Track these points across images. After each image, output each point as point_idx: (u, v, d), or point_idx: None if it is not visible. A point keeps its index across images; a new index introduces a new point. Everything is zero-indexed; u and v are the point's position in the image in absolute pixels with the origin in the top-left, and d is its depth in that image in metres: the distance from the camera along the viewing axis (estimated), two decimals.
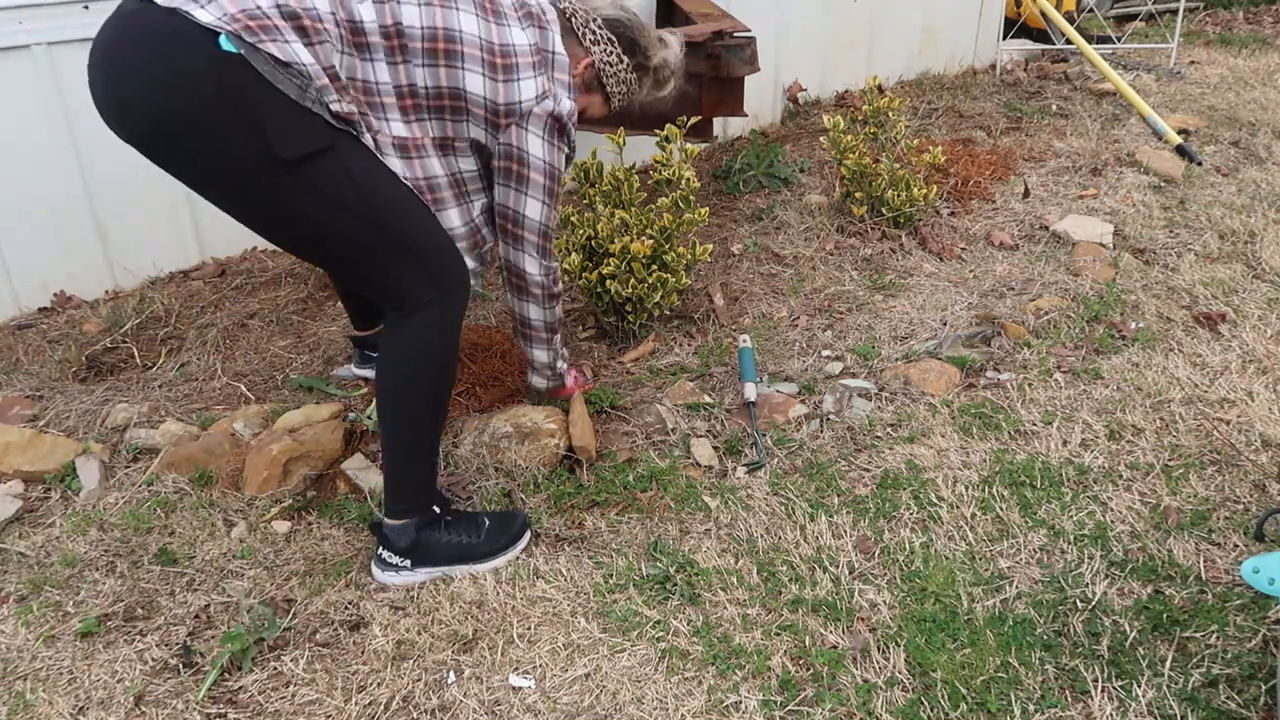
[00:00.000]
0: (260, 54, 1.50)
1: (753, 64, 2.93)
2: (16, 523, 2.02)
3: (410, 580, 1.84)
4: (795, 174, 3.70)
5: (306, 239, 1.72)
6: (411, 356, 1.74)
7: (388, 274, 1.70)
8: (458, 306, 1.77)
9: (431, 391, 1.77)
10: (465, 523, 1.88)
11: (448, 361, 1.78)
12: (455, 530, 1.86)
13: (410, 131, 1.73)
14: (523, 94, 1.76)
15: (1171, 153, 3.85)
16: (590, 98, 1.99)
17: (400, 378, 1.75)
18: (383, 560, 1.84)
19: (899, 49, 4.89)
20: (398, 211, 1.68)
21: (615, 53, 1.95)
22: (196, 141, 1.53)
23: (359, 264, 1.71)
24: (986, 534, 1.94)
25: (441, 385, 1.78)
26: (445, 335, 1.75)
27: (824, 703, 1.58)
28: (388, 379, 1.76)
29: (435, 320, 1.72)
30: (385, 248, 1.67)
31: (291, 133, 1.53)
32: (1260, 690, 1.56)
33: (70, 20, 2.68)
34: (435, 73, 1.70)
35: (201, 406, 2.40)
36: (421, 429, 1.79)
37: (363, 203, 1.62)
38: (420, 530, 1.82)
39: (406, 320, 1.72)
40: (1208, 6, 6.93)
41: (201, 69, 1.48)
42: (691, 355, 2.58)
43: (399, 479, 1.82)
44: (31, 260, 2.81)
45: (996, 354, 2.54)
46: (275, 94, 1.51)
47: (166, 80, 1.50)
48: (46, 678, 1.66)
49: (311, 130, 1.56)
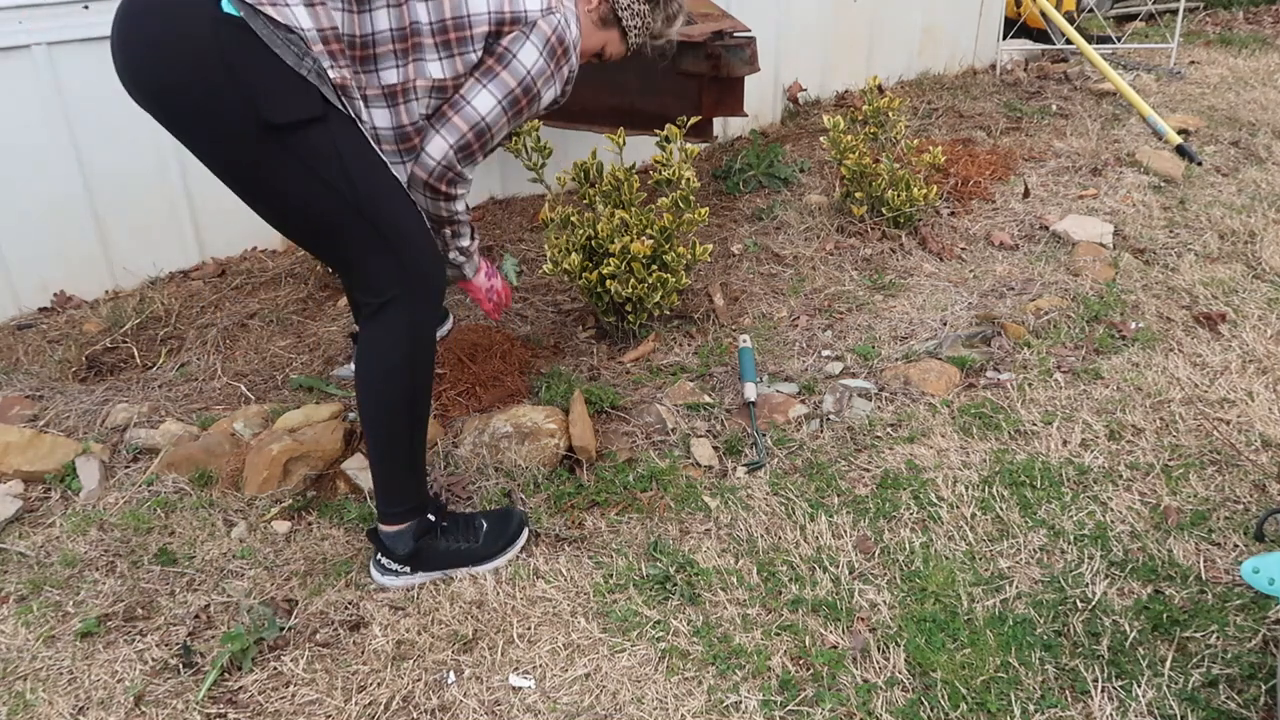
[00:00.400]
0: (260, 16, 1.50)
1: (753, 64, 2.92)
2: (16, 523, 2.02)
3: (410, 582, 1.85)
4: (795, 174, 3.70)
5: (285, 211, 1.69)
6: (382, 351, 1.71)
7: (358, 258, 1.68)
8: (426, 304, 1.73)
9: (406, 387, 1.73)
10: (462, 527, 1.87)
11: (419, 358, 1.74)
12: (453, 536, 1.85)
13: (400, 76, 1.69)
14: (528, 4, 1.74)
15: (1171, 153, 3.85)
16: (608, 33, 1.97)
17: (373, 374, 1.72)
18: (381, 565, 1.84)
19: (899, 49, 4.90)
20: (378, 196, 1.65)
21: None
22: (195, 102, 1.53)
23: (331, 243, 1.70)
24: (986, 534, 1.94)
25: (416, 382, 1.75)
26: (414, 330, 1.72)
27: (824, 703, 1.58)
28: (362, 376, 1.74)
29: (404, 316, 1.69)
30: (359, 231, 1.64)
31: (283, 98, 1.52)
32: (1260, 690, 1.56)
33: (70, 20, 2.68)
34: (439, 6, 1.68)
35: (201, 406, 2.40)
36: (400, 427, 1.76)
37: (345, 180, 1.60)
38: (418, 539, 1.81)
39: (376, 316, 1.70)
40: (1208, 6, 6.93)
41: (202, 31, 1.49)
42: (691, 355, 2.58)
43: (384, 480, 1.80)
44: (31, 260, 2.82)
45: (996, 354, 2.54)
46: (271, 58, 1.51)
47: (171, 42, 1.51)
48: (46, 678, 1.66)
49: (304, 98, 1.55)
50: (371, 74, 1.67)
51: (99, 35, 2.72)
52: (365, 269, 1.69)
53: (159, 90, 1.56)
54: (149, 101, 1.59)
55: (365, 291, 1.71)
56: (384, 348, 1.71)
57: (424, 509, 1.83)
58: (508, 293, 2.29)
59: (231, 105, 1.51)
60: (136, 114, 2.81)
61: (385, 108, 1.71)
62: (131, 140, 2.86)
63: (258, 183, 1.62)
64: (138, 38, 1.55)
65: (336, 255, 1.74)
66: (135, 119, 2.84)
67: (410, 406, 1.76)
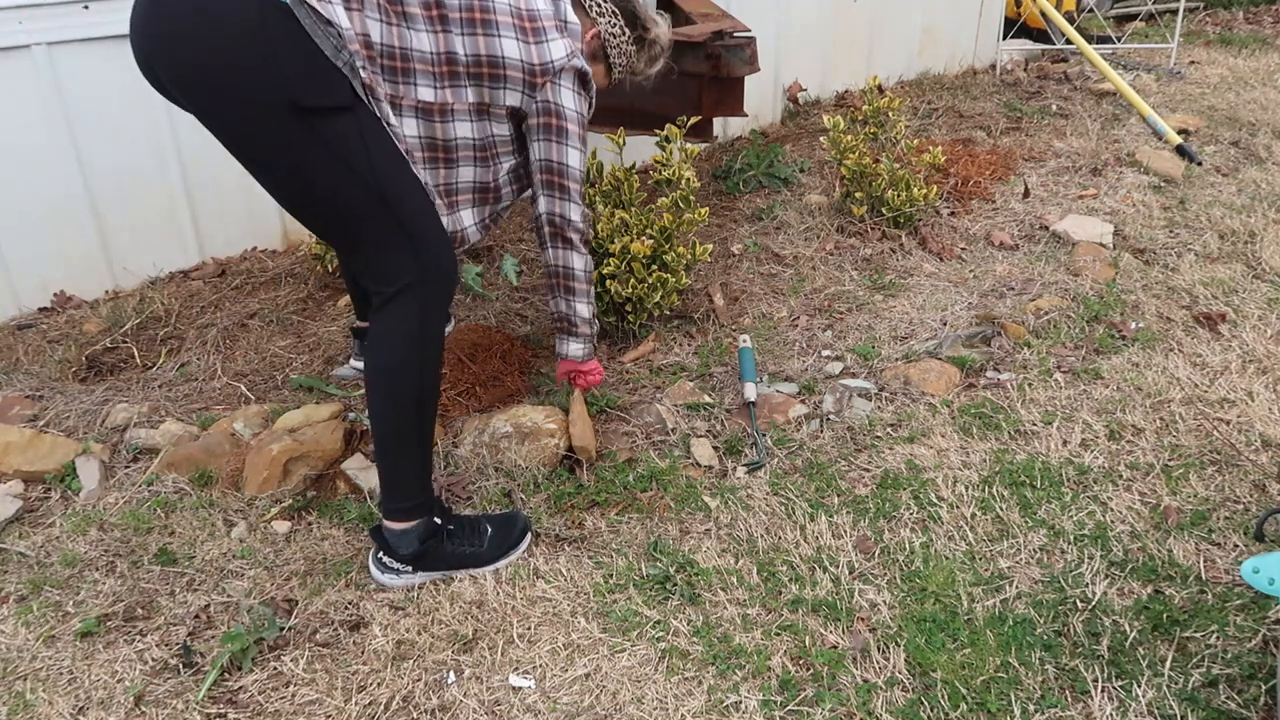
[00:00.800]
0: (305, 6, 1.56)
1: (753, 64, 2.92)
2: (16, 523, 2.02)
3: (410, 582, 1.85)
4: (795, 174, 3.70)
5: (311, 197, 1.70)
6: (393, 340, 1.74)
7: (375, 247, 1.71)
8: (439, 295, 1.77)
9: (415, 377, 1.75)
10: (468, 530, 1.88)
11: (430, 348, 1.77)
12: (458, 540, 1.86)
13: (437, 97, 1.81)
14: (554, 54, 1.89)
15: (1171, 153, 3.85)
16: (595, 66, 2.10)
17: (384, 362, 1.75)
18: (382, 563, 1.84)
19: (899, 49, 4.90)
20: (400, 187, 1.69)
21: (619, 24, 2.10)
22: (233, 83, 1.56)
23: (351, 231, 1.72)
24: (986, 534, 1.94)
25: (425, 373, 1.77)
26: (425, 320, 1.75)
27: (824, 703, 1.58)
28: (372, 366, 1.77)
29: (415, 305, 1.72)
30: (380, 220, 1.68)
31: (317, 84, 1.58)
32: (1260, 690, 1.56)
33: (70, 20, 2.68)
34: (475, 41, 1.81)
35: (201, 406, 2.40)
36: (408, 419, 1.78)
37: (369, 170, 1.65)
38: (424, 542, 1.82)
39: (388, 304, 1.73)
40: (1208, 6, 6.94)
41: (249, 13, 1.53)
42: (691, 355, 2.58)
43: (391, 474, 1.81)
44: (31, 260, 2.82)
45: (996, 354, 2.54)
46: (311, 45, 1.57)
47: (214, 22, 1.54)
48: (46, 678, 1.66)
49: (336, 87, 1.60)
50: (410, 87, 1.77)
51: (99, 35, 2.72)
52: (385, 258, 1.72)
53: (195, 69, 1.57)
54: (180, 82, 1.60)
55: (380, 280, 1.73)
56: (397, 337, 1.74)
57: (430, 508, 1.84)
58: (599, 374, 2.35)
59: (268, 87, 1.55)
60: (136, 114, 2.84)
61: (416, 119, 1.80)
62: (131, 140, 2.86)
63: (287, 168, 1.65)
64: (173, 17, 1.56)
65: (355, 244, 1.76)
66: (135, 119, 2.86)
67: (419, 400, 1.77)
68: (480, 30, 1.80)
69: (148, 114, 2.85)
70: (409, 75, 1.76)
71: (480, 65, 1.83)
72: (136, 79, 1.68)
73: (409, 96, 1.76)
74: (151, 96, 2.83)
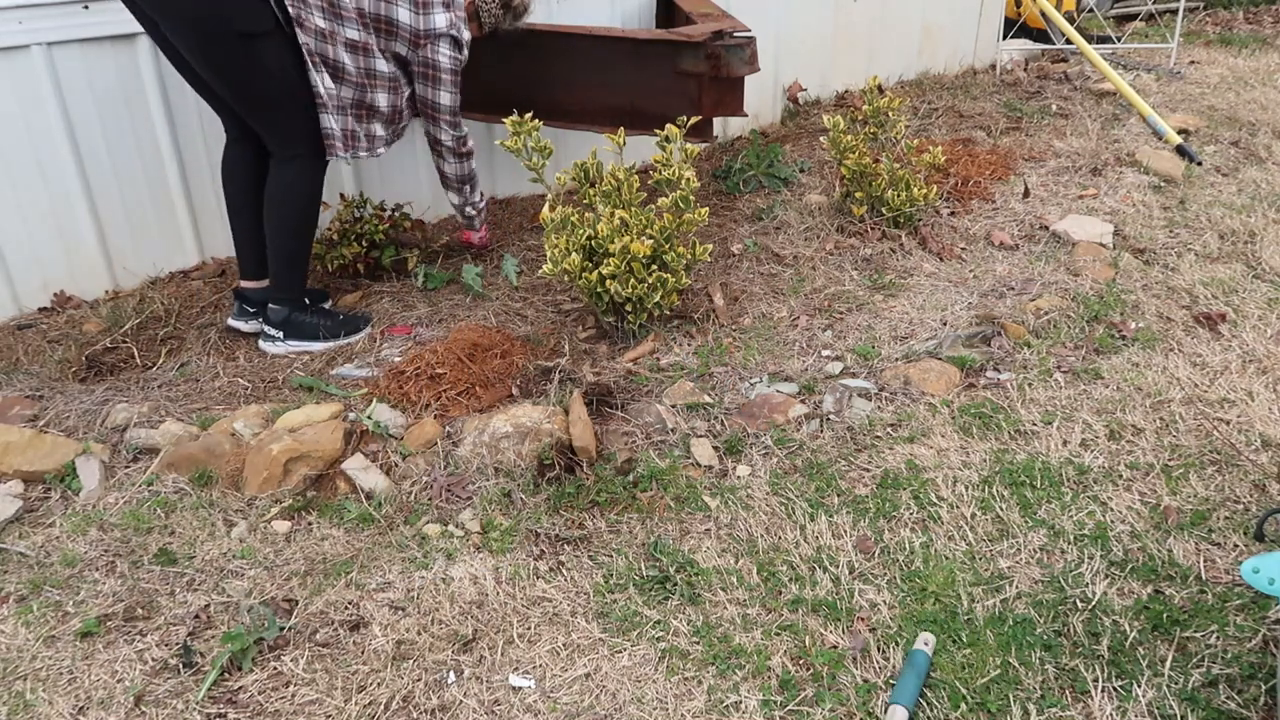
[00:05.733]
0: None
1: (753, 64, 2.92)
2: (16, 523, 2.02)
3: (284, 349, 2.64)
4: (795, 174, 3.70)
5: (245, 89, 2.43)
6: (288, 183, 2.57)
7: (287, 124, 2.52)
8: (322, 161, 2.60)
9: (301, 211, 2.61)
10: (323, 314, 2.73)
11: (312, 196, 2.62)
12: (315, 316, 2.69)
13: (360, 36, 2.52)
14: (436, 24, 2.61)
15: (1171, 153, 3.85)
16: (471, 24, 2.79)
17: (281, 195, 2.58)
18: (266, 335, 2.65)
19: (899, 49, 4.89)
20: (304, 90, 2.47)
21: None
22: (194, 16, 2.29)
23: (272, 113, 2.49)
24: (986, 534, 1.94)
25: (307, 212, 2.63)
26: (310, 176, 2.60)
27: (824, 703, 1.58)
28: (272, 198, 2.58)
29: (306, 166, 2.58)
30: (292, 107, 2.48)
31: (251, 15, 2.32)
32: (1260, 690, 1.56)
33: (70, 20, 2.68)
34: (377, 4, 2.53)
35: (201, 406, 2.40)
36: (292, 238, 2.63)
37: (283, 73, 2.43)
38: (292, 314, 2.64)
39: (285, 164, 2.56)
40: (1208, 6, 6.94)
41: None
42: (691, 355, 2.58)
43: (278, 274, 2.64)
44: (31, 260, 2.82)
45: (996, 354, 2.54)
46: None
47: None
48: (46, 678, 1.66)
49: (262, 16, 2.34)
50: (341, 28, 2.48)
51: (99, 35, 2.72)
52: (291, 131, 2.53)
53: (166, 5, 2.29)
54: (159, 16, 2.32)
55: (285, 146, 2.55)
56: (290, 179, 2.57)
57: (302, 298, 2.69)
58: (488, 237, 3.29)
59: (219, 19, 2.30)
60: (136, 114, 2.85)
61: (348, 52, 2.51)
62: (131, 140, 2.86)
63: (231, 70, 2.39)
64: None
65: (273, 123, 2.52)
66: (135, 119, 2.86)
67: (303, 224, 2.64)
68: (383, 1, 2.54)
69: (147, 114, 2.85)
70: (339, 19, 2.46)
71: (380, 22, 2.54)
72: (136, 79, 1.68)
73: (341, 34, 2.48)
74: (152, 97, 2.84)
